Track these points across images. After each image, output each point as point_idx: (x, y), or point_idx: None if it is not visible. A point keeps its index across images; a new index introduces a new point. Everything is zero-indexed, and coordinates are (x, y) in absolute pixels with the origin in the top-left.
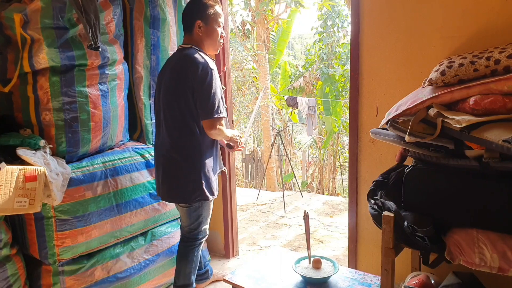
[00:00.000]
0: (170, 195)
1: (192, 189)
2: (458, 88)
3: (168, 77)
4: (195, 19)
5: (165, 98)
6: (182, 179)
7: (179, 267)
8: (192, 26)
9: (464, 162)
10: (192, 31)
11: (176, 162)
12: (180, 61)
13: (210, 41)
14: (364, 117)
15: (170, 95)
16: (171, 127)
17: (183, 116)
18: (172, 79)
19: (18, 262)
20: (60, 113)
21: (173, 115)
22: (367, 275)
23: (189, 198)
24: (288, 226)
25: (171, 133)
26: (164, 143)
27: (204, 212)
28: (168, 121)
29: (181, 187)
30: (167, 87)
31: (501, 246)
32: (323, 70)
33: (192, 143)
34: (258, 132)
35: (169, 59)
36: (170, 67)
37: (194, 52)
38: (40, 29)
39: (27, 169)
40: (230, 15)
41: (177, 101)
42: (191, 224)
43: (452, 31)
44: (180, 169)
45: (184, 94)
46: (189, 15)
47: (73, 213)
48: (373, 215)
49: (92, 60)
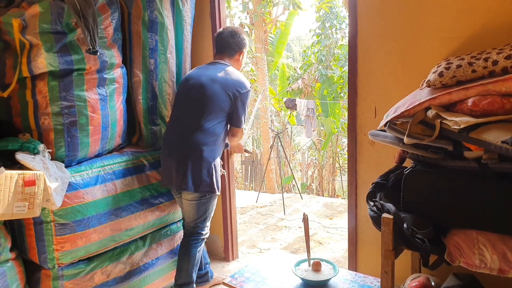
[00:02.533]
0: (184, 183)
1: (205, 180)
2: (456, 90)
3: (210, 80)
4: (240, 48)
5: (198, 97)
6: (198, 169)
7: (181, 264)
8: (235, 52)
9: (463, 164)
10: (233, 56)
11: (195, 154)
12: (225, 72)
13: (240, 66)
14: (362, 119)
15: (206, 96)
16: (197, 125)
17: (212, 116)
18: (215, 82)
19: (18, 267)
20: (59, 117)
21: (201, 113)
22: (367, 277)
23: (200, 186)
24: (288, 229)
25: (196, 129)
26: (184, 136)
27: (210, 207)
28: (195, 119)
29: (196, 177)
30: (204, 88)
31: (501, 247)
32: (321, 72)
33: (212, 141)
34: (257, 134)
35: (208, 68)
36: (210, 73)
37: (237, 71)
38: (38, 34)
39: (26, 174)
40: (229, 18)
41: (211, 103)
42: (198, 219)
43: (449, 32)
44: (198, 160)
45: (224, 101)
46: (232, 45)
47: (73, 217)
48: (373, 217)
49: (91, 64)
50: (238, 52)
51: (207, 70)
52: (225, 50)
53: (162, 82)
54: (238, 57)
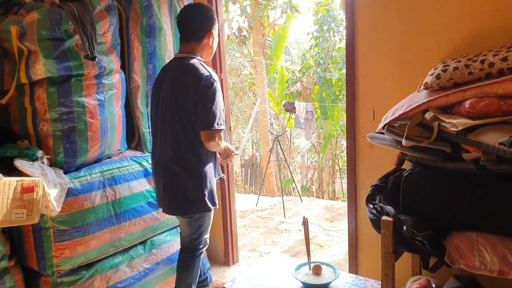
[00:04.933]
0: (171, 208)
1: (194, 201)
2: (454, 92)
3: (169, 87)
4: (208, 30)
5: (165, 108)
6: (183, 191)
7: (179, 277)
8: (202, 36)
9: (461, 165)
10: (202, 41)
11: (177, 174)
12: (181, 71)
13: (212, 50)
14: (361, 121)
15: (171, 106)
16: (171, 138)
17: (183, 127)
18: (173, 89)
19: (17, 274)
20: (58, 123)
21: (173, 127)
22: (368, 280)
23: (190, 210)
24: (288, 232)
25: (171, 144)
26: (163, 154)
27: (205, 222)
28: (167, 132)
29: (182, 200)
30: (167, 97)
31: (501, 249)
32: (320, 75)
33: (192, 154)
34: (256, 137)
35: (165, 68)
36: (169, 76)
37: (196, 62)
38: (36, 41)
39: (24, 180)
40: (227, 22)
41: (177, 112)
42: (192, 235)
43: (446, 34)
44: (181, 181)
45: (185, 105)
46: (198, 26)
47: (72, 224)
48: (372, 220)
49: (89, 70)
50: (207, 35)
51: (168, 70)
52: (190, 37)
53: None
54: (207, 41)
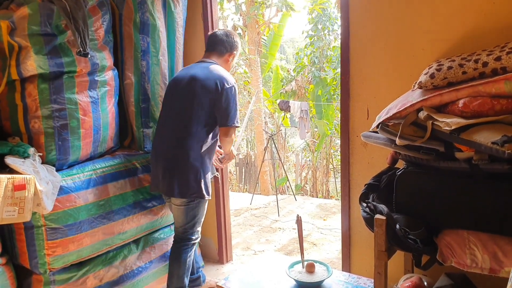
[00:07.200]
0: (170, 190)
1: (192, 186)
2: (447, 91)
3: (192, 83)
4: (229, 50)
5: (185, 101)
6: (184, 175)
7: (172, 269)
8: (226, 51)
9: (454, 164)
10: (223, 55)
11: (180, 160)
12: (208, 72)
13: (228, 68)
14: (355, 120)
15: (191, 100)
16: (182, 128)
17: (199, 120)
18: (198, 86)
19: (8, 272)
20: (50, 120)
21: (189, 118)
22: (361, 278)
23: (187, 193)
24: (282, 230)
25: (181, 133)
26: (170, 140)
27: (199, 212)
28: (180, 122)
29: (182, 183)
30: (188, 91)
31: (492, 247)
32: (314, 74)
33: (200, 146)
34: (251, 136)
35: (192, 67)
36: (196, 74)
37: (220, 66)
38: (27, 36)
39: (16, 178)
40: (221, 20)
41: (197, 107)
42: (186, 224)
43: (440, 34)
44: (184, 166)
45: (206, 102)
46: (224, 44)
47: (64, 222)
48: (365, 218)
49: (82, 67)
50: (229, 53)
51: (191, 69)
52: (215, 48)
53: (154, 84)
54: (228, 58)
